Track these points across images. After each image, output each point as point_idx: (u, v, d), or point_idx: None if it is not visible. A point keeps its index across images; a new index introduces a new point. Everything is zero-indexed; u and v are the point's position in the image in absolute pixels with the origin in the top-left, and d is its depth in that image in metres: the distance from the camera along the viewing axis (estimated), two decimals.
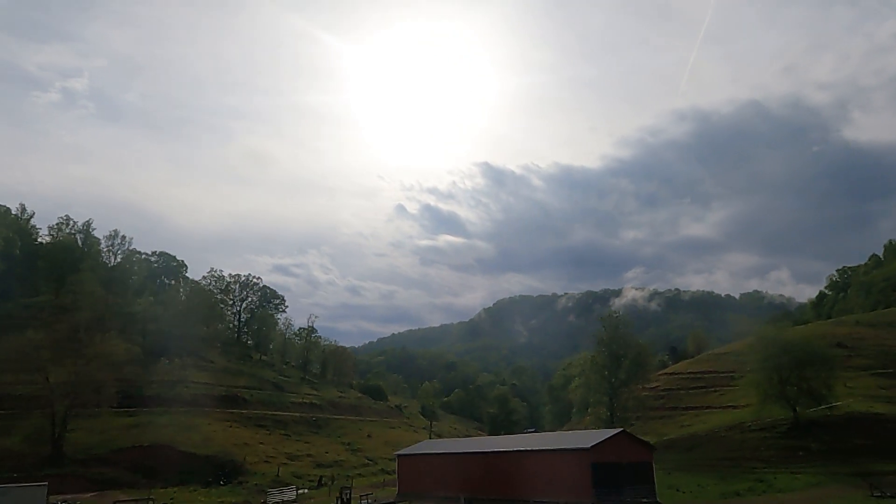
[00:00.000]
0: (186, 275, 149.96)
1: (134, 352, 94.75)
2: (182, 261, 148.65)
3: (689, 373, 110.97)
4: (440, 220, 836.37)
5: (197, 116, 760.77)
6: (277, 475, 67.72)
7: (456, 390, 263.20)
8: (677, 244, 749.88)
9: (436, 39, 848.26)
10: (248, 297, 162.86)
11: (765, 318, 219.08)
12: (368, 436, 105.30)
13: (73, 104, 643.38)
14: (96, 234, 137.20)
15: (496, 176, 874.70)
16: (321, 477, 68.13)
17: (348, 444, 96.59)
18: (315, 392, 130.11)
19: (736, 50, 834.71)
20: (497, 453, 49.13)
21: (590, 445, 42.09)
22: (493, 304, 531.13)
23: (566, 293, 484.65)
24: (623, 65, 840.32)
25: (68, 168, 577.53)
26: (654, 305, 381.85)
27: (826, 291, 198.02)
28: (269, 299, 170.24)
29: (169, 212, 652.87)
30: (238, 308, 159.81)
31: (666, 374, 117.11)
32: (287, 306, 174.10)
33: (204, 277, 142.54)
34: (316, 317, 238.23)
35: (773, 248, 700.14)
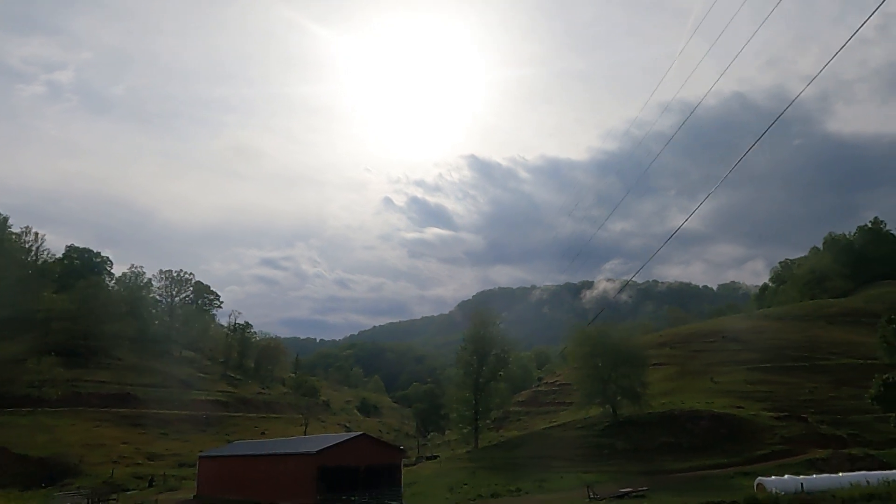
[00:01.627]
0: (112, 271, 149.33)
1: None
2: (106, 257, 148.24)
3: None
4: (428, 213, 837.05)
5: (187, 109, 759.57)
6: (111, 476, 67.64)
7: (414, 383, 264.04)
8: (665, 235, 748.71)
9: (424, 31, 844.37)
10: (179, 293, 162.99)
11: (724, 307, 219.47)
12: (263, 433, 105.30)
13: (59, 97, 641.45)
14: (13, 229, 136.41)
15: (483, 168, 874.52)
16: (152, 477, 68.12)
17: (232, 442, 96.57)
18: (231, 389, 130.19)
19: (723, 42, 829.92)
20: (239, 457, 49.28)
21: (316, 450, 42.02)
22: (473, 297, 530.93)
23: (541, 285, 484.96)
24: (611, 57, 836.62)
25: (56, 162, 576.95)
26: (624, 297, 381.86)
27: (769, 283, 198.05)
28: (204, 295, 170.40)
29: (159, 206, 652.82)
30: (168, 304, 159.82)
31: (572, 367, 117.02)
32: (222, 302, 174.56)
33: (124, 274, 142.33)
34: (240, 312, 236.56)
35: (759, 240, 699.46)
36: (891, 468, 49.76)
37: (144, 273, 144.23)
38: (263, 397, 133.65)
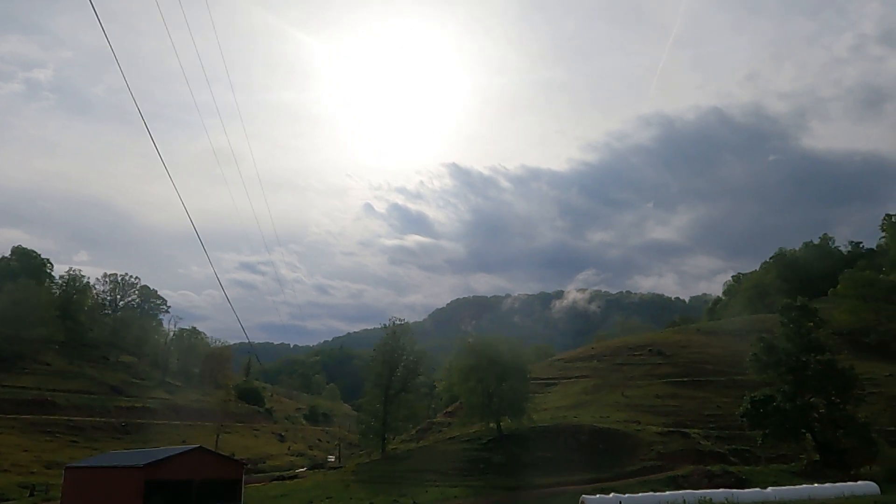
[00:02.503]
0: (52, 273, 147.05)
1: None
2: (46, 259, 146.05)
3: None
4: (409, 220, 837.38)
5: (168, 112, 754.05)
6: None
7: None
8: (643, 247, 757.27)
9: (407, 39, 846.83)
10: (124, 297, 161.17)
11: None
12: (183, 441, 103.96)
13: (37, 95, 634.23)
14: None
15: (464, 177, 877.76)
16: (34, 486, 66.95)
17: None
18: (165, 396, 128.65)
19: (703, 57, 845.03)
20: (84, 469, 48.65)
21: (143, 463, 41.57)
22: (446, 305, 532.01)
23: (515, 294, 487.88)
24: (593, 69, 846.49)
25: (34, 161, 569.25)
26: (593, 307, 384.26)
27: (722, 297, 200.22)
28: (150, 300, 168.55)
29: (139, 208, 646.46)
30: (112, 308, 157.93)
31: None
32: (169, 307, 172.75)
33: (61, 277, 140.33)
34: (180, 318, 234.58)
35: (735, 252, 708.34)
36: (750, 486, 50.35)
37: (83, 276, 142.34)
38: (199, 405, 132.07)
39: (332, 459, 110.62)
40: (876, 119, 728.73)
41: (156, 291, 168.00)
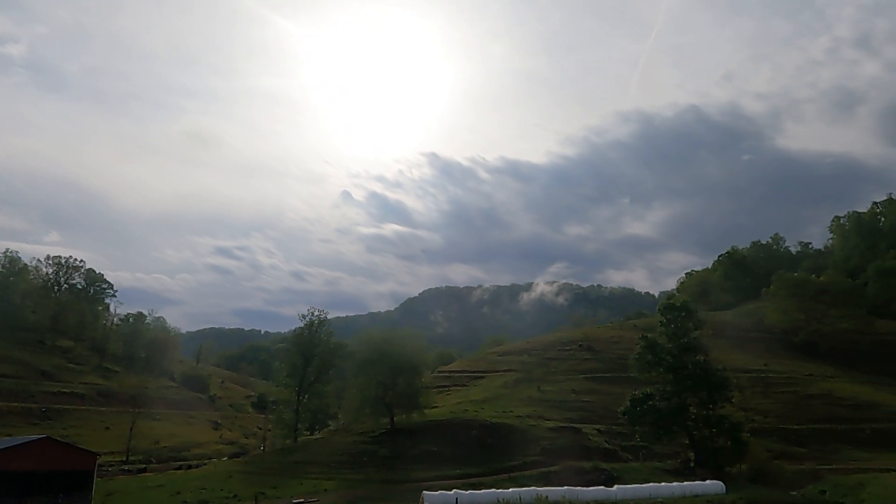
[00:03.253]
0: None
1: None
2: None
3: (452, 371, 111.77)
4: (387, 209, 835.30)
5: (146, 92, 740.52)
6: None
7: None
8: (619, 242, 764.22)
9: (390, 28, 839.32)
10: (69, 280, 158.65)
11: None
12: (107, 428, 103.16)
13: (8, 71, 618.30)
14: None
15: (443, 167, 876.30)
16: None
17: (65, 437, 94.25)
18: (99, 381, 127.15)
19: (683, 55, 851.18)
20: None
21: None
22: (419, 294, 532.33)
23: (486, 285, 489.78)
24: (575, 64, 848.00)
25: (4, 138, 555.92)
26: (561, 300, 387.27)
27: (675, 293, 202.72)
28: (96, 283, 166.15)
29: (113, 189, 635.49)
30: (54, 292, 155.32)
31: (442, 370, 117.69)
32: (116, 291, 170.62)
33: None
34: (121, 303, 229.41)
35: (709, 249, 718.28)
36: (620, 483, 51.22)
37: (20, 258, 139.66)
38: (135, 391, 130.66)
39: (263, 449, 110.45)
40: (849, 122, 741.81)
41: (102, 275, 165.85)
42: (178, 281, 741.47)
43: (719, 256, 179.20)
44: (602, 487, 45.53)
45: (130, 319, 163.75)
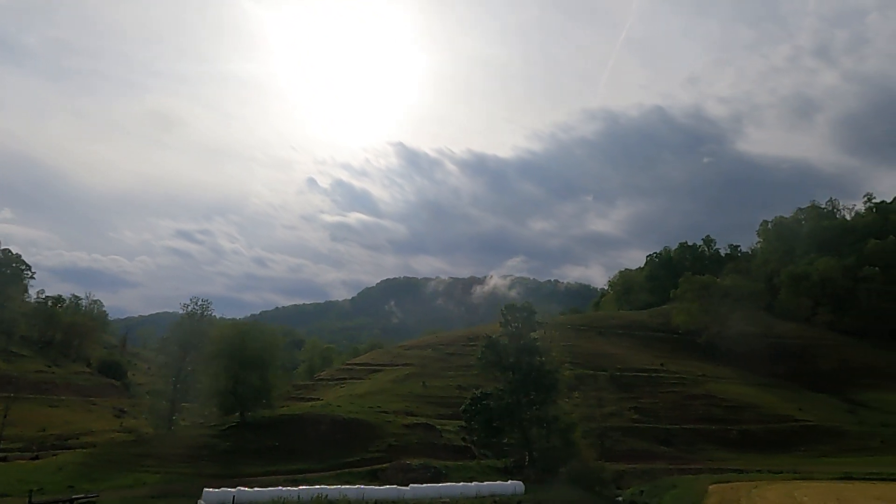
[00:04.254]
0: None
1: None
2: None
3: (355, 364, 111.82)
4: (352, 197, 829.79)
5: (110, 70, 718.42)
6: None
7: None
8: (582, 238, 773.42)
9: (362, 15, 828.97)
10: None
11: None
12: (4, 416, 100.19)
13: None
14: None
15: (410, 157, 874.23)
16: None
17: None
18: None
19: (650, 57, 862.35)
20: None
21: None
22: (376, 284, 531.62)
23: (439, 277, 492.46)
24: (545, 60, 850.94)
25: None
26: (513, 294, 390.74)
27: (609, 290, 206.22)
28: (12, 265, 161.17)
29: (72, 167, 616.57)
30: None
31: (348, 364, 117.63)
32: (34, 273, 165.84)
33: None
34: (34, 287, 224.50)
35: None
36: (446, 480, 51.77)
37: None
38: (40, 376, 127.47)
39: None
40: (807, 129, 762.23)
41: (19, 256, 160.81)
42: (137, 263, 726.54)
43: (647, 256, 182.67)
44: (394, 487, 45.95)
45: (49, 303, 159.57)
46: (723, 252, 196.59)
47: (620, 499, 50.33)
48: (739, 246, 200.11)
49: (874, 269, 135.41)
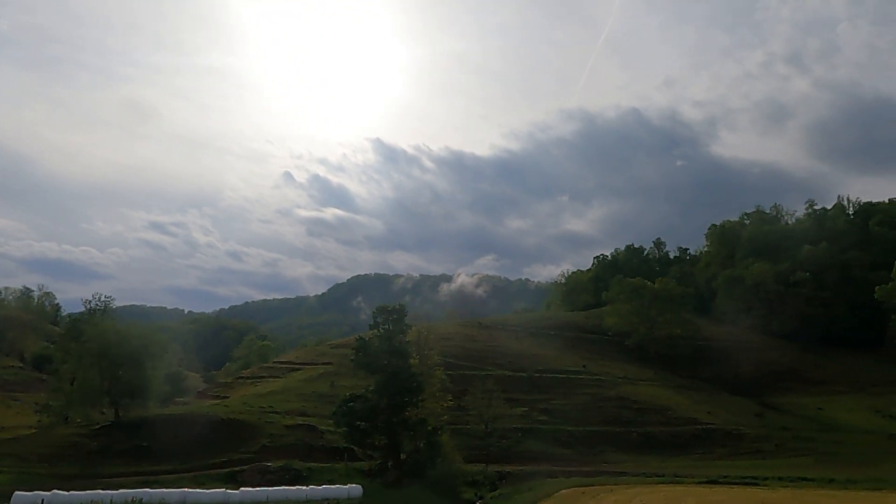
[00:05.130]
0: None
1: None
2: None
3: (278, 362, 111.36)
4: (329, 193, 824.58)
5: (80, 56, 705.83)
6: None
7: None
8: (559, 237, 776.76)
9: (342, 9, 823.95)
10: None
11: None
12: None
13: None
14: None
15: (388, 154, 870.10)
16: None
17: None
18: None
19: (628, 58, 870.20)
20: None
21: None
22: (347, 280, 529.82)
23: (406, 274, 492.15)
24: (525, 59, 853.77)
25: None
26: (480, 292, 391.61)
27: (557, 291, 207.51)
28: None
29: (42, 155, 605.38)
30: None
31: (277, 362, 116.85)
32: None
33: None
34: None
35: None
36: (306, 483, 51.64)
37: None
38: None
39: None
40: (779, 134, 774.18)
41: None
42: (108, 255, 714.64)
43: (594, 258, 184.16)
44: (221, 490, 45.84)
45: None
46: (672, 255, 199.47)
47: (479, 503, 50.64)
48: (688, 249, 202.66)
49: (805, 275, 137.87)
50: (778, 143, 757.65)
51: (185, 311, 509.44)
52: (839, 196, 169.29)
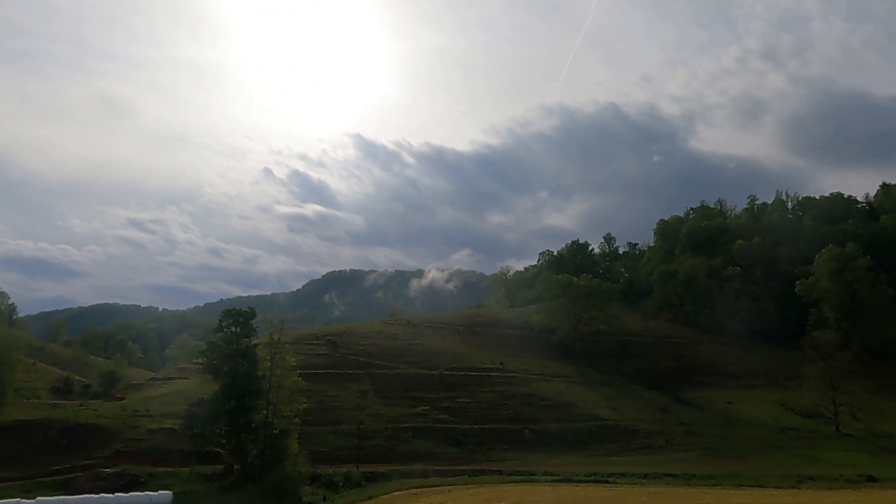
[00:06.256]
0: None
1: None
2: None
3: (198, 363, 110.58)
4: (309, 188, 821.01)
5: (59, 51, 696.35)
6: None
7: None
8: (540, 232, 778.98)
9: (323, 3, 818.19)
10: None
11: None
12: None
13: None
14: None
15: (368, 149, 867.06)
16: None
17: None
18: None
19: (607, 54, 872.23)
20: None
21: None
22: (322, 276, 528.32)
23: (379, 270, 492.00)
24: (505, 55, 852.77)
25: None
26: (450, 287, 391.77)
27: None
28: None
29: (16, 151, 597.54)
30: None
31: (196, 362, 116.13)
32: None
33: None
34: None
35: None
36: (143, 489, 51.44)
37: None
38: None
39: None
40: (755, 128, 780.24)
41: None
42: (86, 253, 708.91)
43: (539, 255, 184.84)
44: (19, 500, 45.49)
45: None
46: (622, 250, 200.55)
47: None
48: (638, 244, 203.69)
49: (736, 269, 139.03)
50: (754, 137, 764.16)
51: (160, 309, 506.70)
52: (777, 191, 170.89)
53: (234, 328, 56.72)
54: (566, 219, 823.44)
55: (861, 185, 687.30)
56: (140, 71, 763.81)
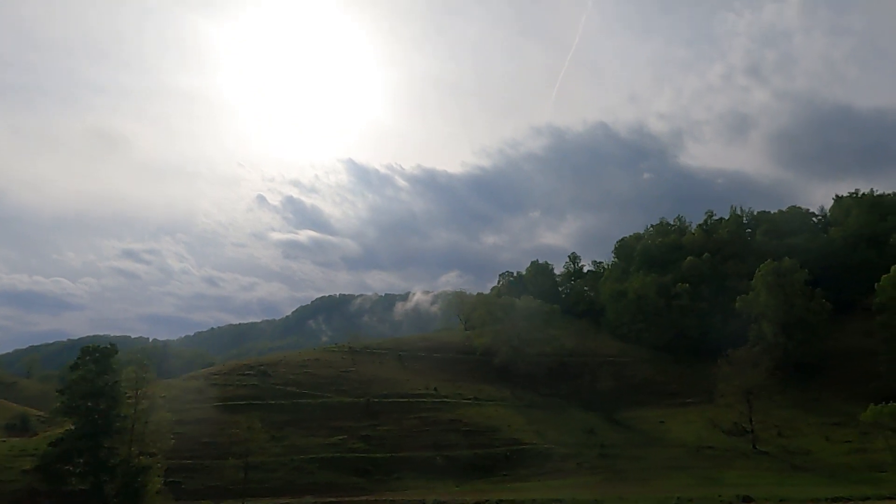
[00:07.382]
0: None
1: None
2: None
3: None
4: (303, 215, 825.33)
5: (48, 84, 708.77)
6: None
7: None
8: (534, 251, 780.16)
9: (310, 29, 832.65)
10: None
11: None
12: None
13: None
14: None
15: (361, 174, 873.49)
16: None
17: None
18: None
19: (594, 74, 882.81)
20: None
21: None
22: (311, 302, 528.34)
23: (363, 294, 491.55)
24: (494, 77, 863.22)
25: None
26: (435, 309, 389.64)
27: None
28: None
29: (9, 186, 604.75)
30: None
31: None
32: None
33: None
34: None
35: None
36: None
37: None
38: None
39: None
40: (742, 143, 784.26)
41: None
42: (80, 285, 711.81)
43: (499, 276, 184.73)
44: None
45: None
46: (587, 269, 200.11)
47: None
48: (602, 262, 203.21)
49: (685, 286, 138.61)
50: (742, 152, 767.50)
51: (150, 340, 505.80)
52: (732, 206, 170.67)
53: (91, 365, 56.66)
54: (560, 237, 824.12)
55: None
56: (130, 101, 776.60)
